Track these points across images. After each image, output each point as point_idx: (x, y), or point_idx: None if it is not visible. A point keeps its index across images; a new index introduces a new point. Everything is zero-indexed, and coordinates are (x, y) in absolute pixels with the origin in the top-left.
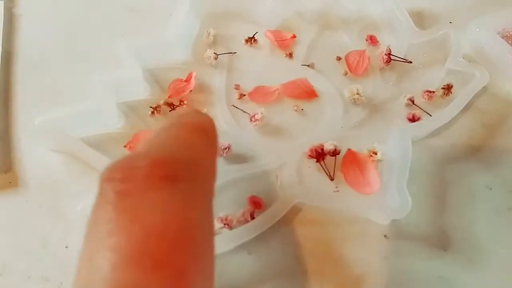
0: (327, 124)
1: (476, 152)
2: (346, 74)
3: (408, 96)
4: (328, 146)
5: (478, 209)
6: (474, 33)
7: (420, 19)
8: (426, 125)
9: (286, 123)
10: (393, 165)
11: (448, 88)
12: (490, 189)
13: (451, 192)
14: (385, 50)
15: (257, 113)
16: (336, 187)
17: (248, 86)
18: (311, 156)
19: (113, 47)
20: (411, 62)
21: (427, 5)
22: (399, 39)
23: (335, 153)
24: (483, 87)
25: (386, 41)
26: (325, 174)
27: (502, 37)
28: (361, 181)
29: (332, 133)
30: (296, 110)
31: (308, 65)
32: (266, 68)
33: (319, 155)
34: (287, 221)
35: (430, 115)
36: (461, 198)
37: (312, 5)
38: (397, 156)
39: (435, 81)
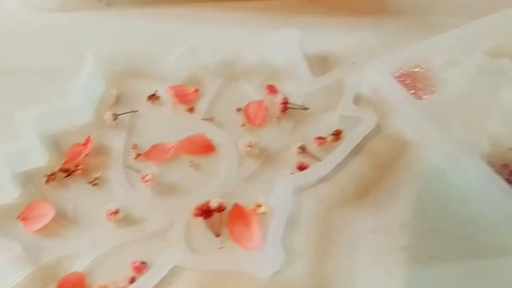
0: (222, 178)
1: (363, 196)
2: (244, 125)
3: (299, 144)
4: (213, 204)
5: (360, 254)
6: (371, 75)
7: (324, 62)
8: (312, 172)
9: (181, 180)
10: (275, 217)
11: (337, 134)
12: (373, 232)
13: (336, 238)
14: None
15: (148, 174)
16: (221, 243)
17: (147, 145)
18: (196, 215)
19: (11, 117)
20: (307, 108)
21: (333, 47)
22: (298, 87)
23: (220, 209)
24: (377, 129)
25: (287, 89)
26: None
27: (401, 76)
28: (246, 235)
29: (225, 187)
30: (191, 166)
31: (208, 119)
32: (166, 125)
33: (205, 212)
34: (168, 282)
35: (321, 161)
36: (345, 244)
37: (216, 58)
38: (279, 207)
39: (329, 126)
